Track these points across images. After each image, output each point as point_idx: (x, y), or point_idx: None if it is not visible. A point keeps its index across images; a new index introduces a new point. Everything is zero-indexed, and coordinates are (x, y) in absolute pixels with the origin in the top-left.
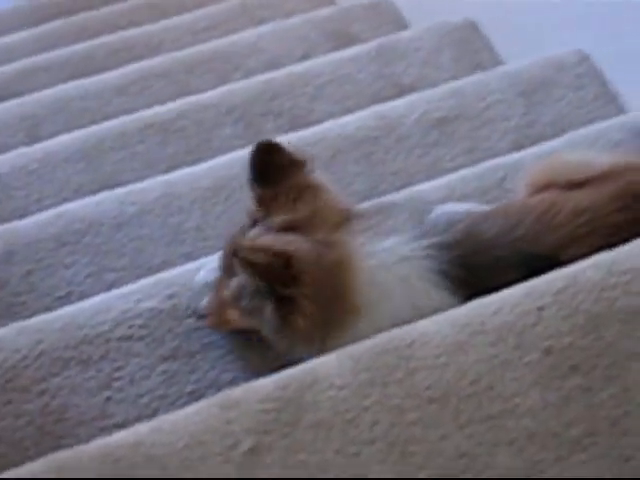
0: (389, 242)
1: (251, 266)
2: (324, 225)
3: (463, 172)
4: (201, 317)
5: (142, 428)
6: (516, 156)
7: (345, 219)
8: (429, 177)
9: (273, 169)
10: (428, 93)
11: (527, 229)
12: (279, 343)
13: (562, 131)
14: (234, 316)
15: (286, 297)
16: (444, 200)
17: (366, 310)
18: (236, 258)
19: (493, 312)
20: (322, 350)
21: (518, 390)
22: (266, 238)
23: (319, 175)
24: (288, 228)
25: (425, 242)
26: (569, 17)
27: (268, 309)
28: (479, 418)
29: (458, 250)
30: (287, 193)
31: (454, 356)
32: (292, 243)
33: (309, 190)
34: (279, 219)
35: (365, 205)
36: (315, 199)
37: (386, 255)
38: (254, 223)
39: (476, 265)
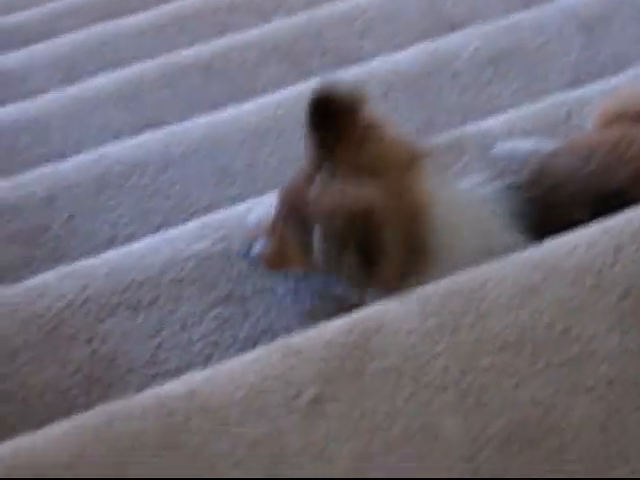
0: (463, 183)
1: (329, 220)
2: (393, 168)
3: (525, 108)
4: (254, 261)
5: (196, 377)
6: (581, 91)
7: (414, 160)
8: (485, 114)
9: (332, 112)
10: (482, 29)
11: (598, 164)
12: (355, 293)
13: (623, 66)
14: (295, 263)
15: (367, 248)
16: (506, 137)
17: (442, 254)
18: (309, 210)
19: (568, 252)
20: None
21: (596, 334)
22: (339, 188)
23: (382, 114)
24: (355, 174)
25: (500, 183)
26: None
27: (346, 261)
28: (556, 364)
29: (533, 191)
30: (349, 135)
31: (528, 298)
32: (366, 192)
33: (373, 130)
34: (345, 164)
35: (431, 143)
36: (380, 140)
37: (461, 197)
38: (317, 169)
39: (551, 205)
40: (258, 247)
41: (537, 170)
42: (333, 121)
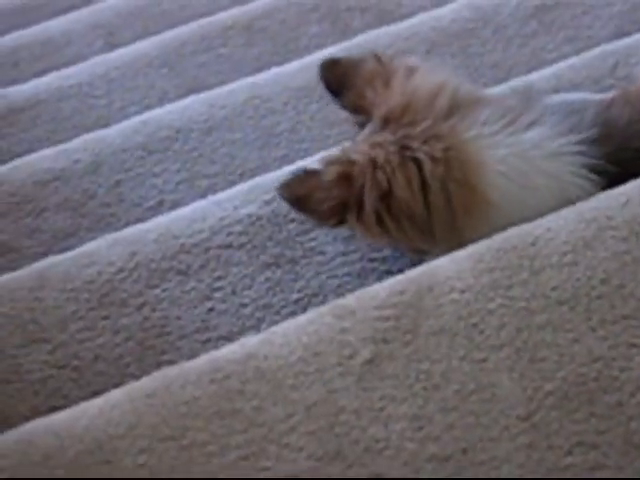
0: (531, 134)
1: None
2: (429, 110)
3: (571, 61)
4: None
5: (251, 341)
6: (627, 42)
7: (463, 101)
8: (530, 69)
9: (346, 75)
10: None
11: None
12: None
13: None
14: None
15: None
16: (553, 90)
17: (507, 209)
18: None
19: (622, 204)
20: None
21: None
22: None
23: (412, 61)
24: (387, 123)
25: (574, 137)
26: None
27: (406, 224)
28: (612, 319)
29: (608, 145)
30: (372, 81)
31: (582, 253)
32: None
33: (397, 72)
34: (377, 115)
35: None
36: (409, 78)
37: (531, 149)
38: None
39: (621, 160)
40: None
41: (603, 124)
42: (348, 86)
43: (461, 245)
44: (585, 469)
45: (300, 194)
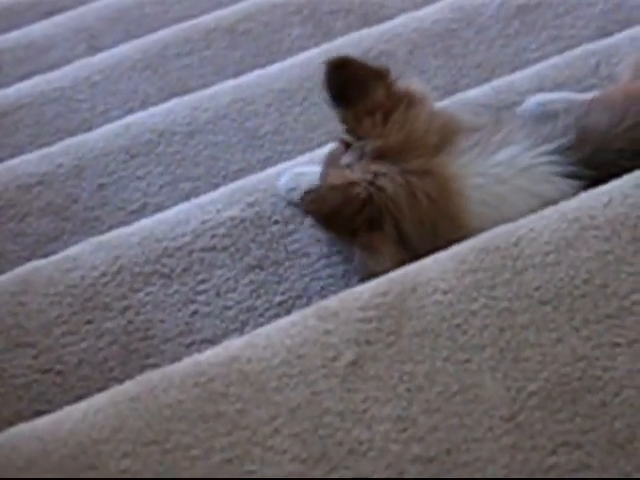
0: (502, 155)
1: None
2: (422, 147)
3: (553, 60)
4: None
5: (235, 344)
6: (609, 41)
7: (448, 134)
8: (513, 69)
9: (352, 86)
10: None
11: (636, 115)
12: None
13: None
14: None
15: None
16: (535, 90)
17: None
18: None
19: (604, 204)
20: None
21: (635, 287)
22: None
23: (409, 83)
24: (382, 155)
25: (545, 148)
26: None
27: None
28: (595, 318)
29: (582, 151)
30: (374, 111)
31: (564, 253)
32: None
33: (399, 104)
34: (371, 145)
35: (470, 112)
36: (408, 115)
37: (504, 170)
38: (346, 147)
39: (600, 163)
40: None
41: (580, 128)
42: (352, 97)
43: None
44: (569, 469)
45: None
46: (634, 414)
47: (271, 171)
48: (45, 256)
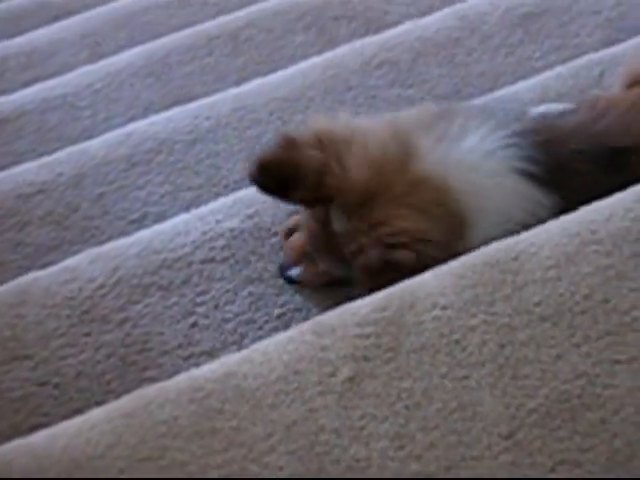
0: (467, 143)
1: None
2: (390, 169)
3: (557, 70)
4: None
5: (231, 359)
6: (614, 50)
7: (402, 142)
8: (517, 78)
9: (282, 180)
10: None
11: (610, 122)
12: None
13: None
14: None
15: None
16: (539, 101)
17: (472, 218)
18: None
19: (606, 219)
20: None
21: (636, 303)
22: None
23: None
24: (361, 207)
25: (503, 132)
26: None
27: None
28: (596, 335)
29: (537, 136)
30: (327, 171)
31: (565, 268)
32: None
33: (347, 151)
34: (348, 200)
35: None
36: (354, 155)
37: (469, 156)
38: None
39: (555, 154)
40: (294, 273)
41: (549, 121)
42: (293, 186)
43: None
44: None
45: None
46: (634, 432)
47: None
48: (45, 265)
